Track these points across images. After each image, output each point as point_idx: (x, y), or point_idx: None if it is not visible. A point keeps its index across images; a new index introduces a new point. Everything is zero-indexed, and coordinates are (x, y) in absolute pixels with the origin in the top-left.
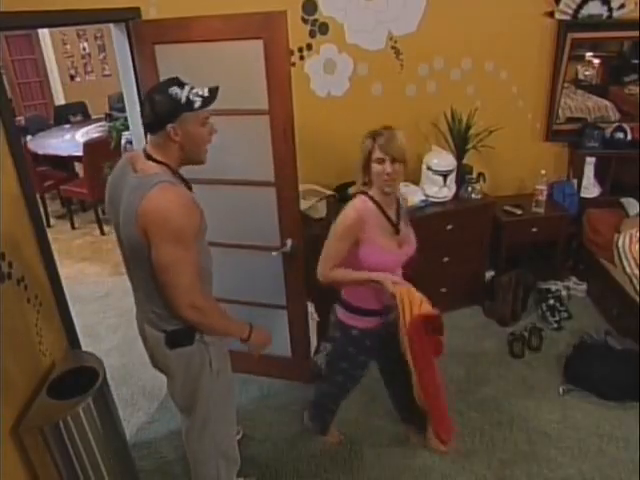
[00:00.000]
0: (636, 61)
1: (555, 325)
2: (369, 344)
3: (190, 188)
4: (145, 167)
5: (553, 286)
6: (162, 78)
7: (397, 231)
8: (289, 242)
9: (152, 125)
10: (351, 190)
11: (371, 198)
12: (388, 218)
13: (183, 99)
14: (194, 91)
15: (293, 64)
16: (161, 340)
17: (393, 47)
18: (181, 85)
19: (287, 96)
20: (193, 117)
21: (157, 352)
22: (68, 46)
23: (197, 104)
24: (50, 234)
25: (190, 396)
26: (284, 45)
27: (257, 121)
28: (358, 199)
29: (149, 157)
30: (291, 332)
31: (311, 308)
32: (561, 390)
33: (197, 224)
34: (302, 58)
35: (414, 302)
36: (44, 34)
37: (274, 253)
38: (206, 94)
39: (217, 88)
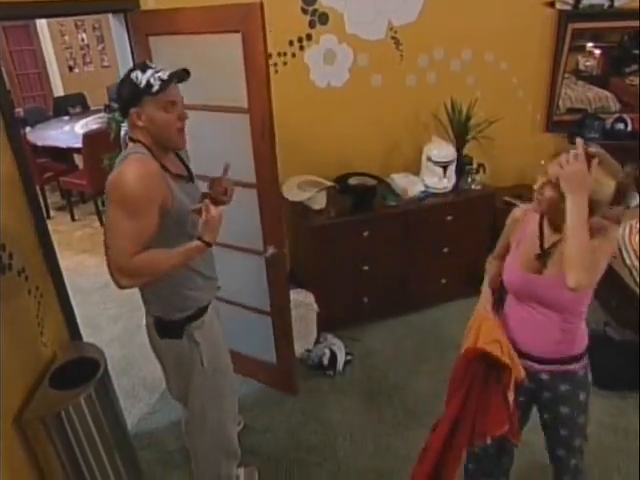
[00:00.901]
0: (637, 51)
1: None
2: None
3: (186, 175)
4: (128, 147)
5: None
6: None
7: (541, 254)
8: (270, 249)
9: (120, 110)
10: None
11: (541, 213)
12: (542, 237)
13: (143, 83)
14: (157, 75)
15: (293, 55)
16: (152, 325)
17: (393, 37)
18: (144, 69)
19: (265, 92)
20: (154, 101)
21: (150, 337)
22: (66, 37)
23: (155, 87)
24: (50, 226)
25: (183, 389)
26: (260, 39)
27: (240, 119)
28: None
29: (131, 139)
30: (275, 339)
31: (311, 298)
32: None
33: (155, 196)
34: (302, 48)
35: (484, 333)
36: (42, 25)
37: (258, 256)
38: (165, 77)
39: (182, 71)
